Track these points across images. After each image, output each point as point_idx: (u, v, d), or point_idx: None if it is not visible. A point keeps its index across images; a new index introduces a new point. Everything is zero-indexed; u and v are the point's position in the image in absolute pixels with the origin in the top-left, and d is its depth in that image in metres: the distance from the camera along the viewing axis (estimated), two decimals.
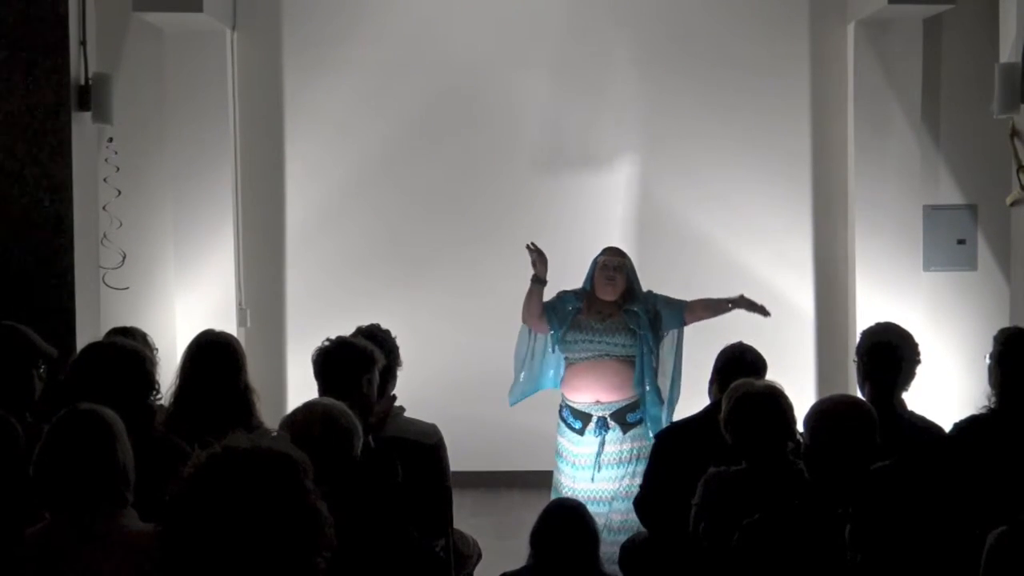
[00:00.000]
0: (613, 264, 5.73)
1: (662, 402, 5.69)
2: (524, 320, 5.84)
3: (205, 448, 2.08)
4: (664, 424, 5.57)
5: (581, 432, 5.65)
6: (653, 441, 5.07)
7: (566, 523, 3.87)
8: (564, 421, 5.73)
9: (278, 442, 2.13)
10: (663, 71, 8.03)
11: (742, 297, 5.87)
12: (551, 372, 5.88)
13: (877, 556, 2.85)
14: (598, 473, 5.61)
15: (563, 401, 5.76)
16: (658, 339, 5.72)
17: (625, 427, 5.64)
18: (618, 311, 5.69)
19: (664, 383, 5.73)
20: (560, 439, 5.77)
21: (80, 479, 2.91)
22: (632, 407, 5.67)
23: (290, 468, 2.06)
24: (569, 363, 5.72)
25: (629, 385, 5.66)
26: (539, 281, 5.76)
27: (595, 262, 5.81)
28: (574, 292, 5.80)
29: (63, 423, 3.00)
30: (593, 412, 5.64)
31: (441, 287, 8.05)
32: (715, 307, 5.86)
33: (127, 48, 7.66)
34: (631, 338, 5.64)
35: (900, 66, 7.64)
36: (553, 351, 5.82)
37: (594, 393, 5.64)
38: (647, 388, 5.64)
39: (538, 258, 5.77)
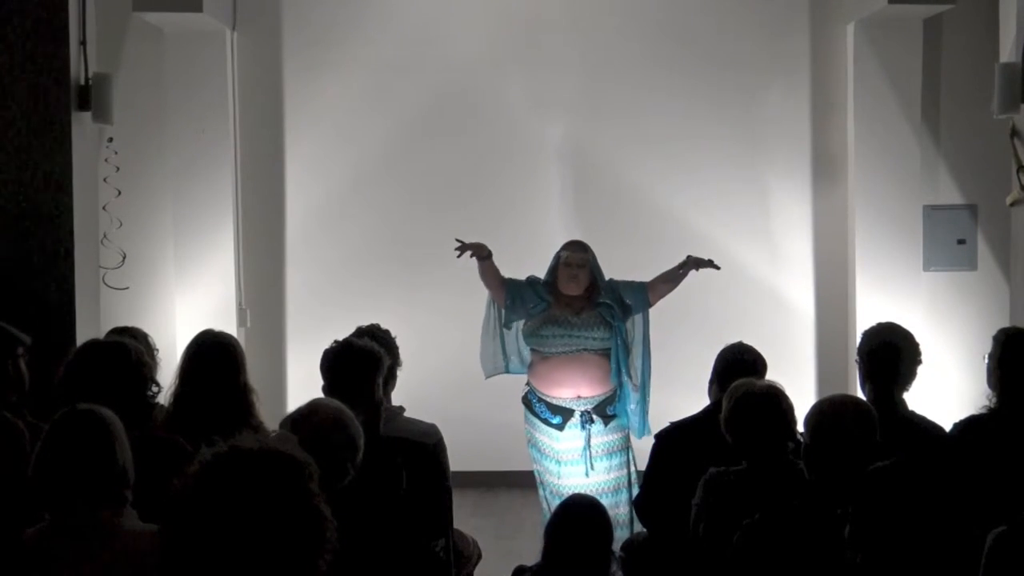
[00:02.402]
0: (576, 261, 5.72)
1: (636, 392, 5.73)
2: (486, 286, 5.87)
3: (211, 447, 2.08)
4: (640, 413, 5.69)
5: (560, 427, 5.65)
6: (654, 441, 5.07)
7: (585, 519, 3.85)
8: (538, 416, 5.70)
9: (284, 443, 2.13)
10: (663, 71, 8.03)
11: (689, 258, 5.81)
12: (514, 357, 5.87)
13: (877, 556, 2.85)
14: (592, 469, 5.63)
15: (536, 395, 5.71)
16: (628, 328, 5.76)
17: (606, 420, 5.67)
18: (589, 304, 5.70)
19: (635, 370, 5.75)
20: (535, 434, 5.74)
21: (79, 479, 2.91)
22: (610, 400, 5.70)
23: (295, 470, 2.06)
24: (543, 357, 5.68)
25: (608, 378, 5.69)
26: (485, 258, 5.78)
27: (557, 256, 5.81)
28: (543, 283, 5.78)
29: (61, 423, 3.00)
30: (575, 407, 5.64)
31: (441, 287, 8.05)
32: (672, 278, 5.84)
33: (127, 48, 7.66)
34: (607, 331, 5.67)
35: (900, 66, 7.64)
36: (508, 328, 5.79)
37: (575, 388, 5.65)
38: (623, 380, 5.69)
39: (470, 247, 5.76)
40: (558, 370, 5.65)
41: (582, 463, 5.62)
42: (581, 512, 3.86)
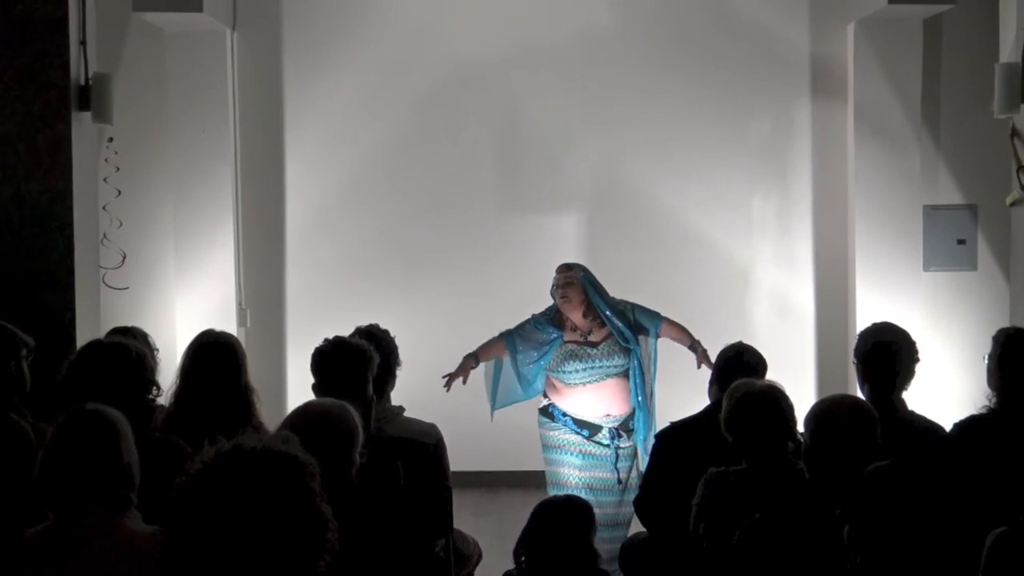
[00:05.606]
0: (560, 282, 5.84)
1: (647, 412, 5.86)
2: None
3: (214, 446, 2.07)
4: (647, 432, 5.81)
5: (589, 437, 5.80)
6: (654, 441, 5.09)
7: (563, 515, 3.90)
8: (565, 425, 5.83)
9: (287, 443, 2.12)
10: (663, 71, 8.04)
11: (702, 348, 5.89)
12: (533, 384, 5.94)
13: (876, 556, 2.85)
14: (620, 480, 5.81)
15: (559, 410, 5.85)
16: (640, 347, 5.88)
17: (628, 433, 5.86)
18: (602, 329, 5.79)
19: (651, 392, 5.91)
20: (556, 434, 5.86)
21: (85, 480, 2.90)
22: (632, 414, 5.87)
23: (297, 470, 2.06)
24: (568, 385, 5.81)
25: (629, 398, 5.85)
26: (476, 366, 5.91)
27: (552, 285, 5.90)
28: (546, 317, 5.88)
29: (69, 423, 2.99)
30: (604, 424, 5.80)
31: (441, 287, 8.06)
32: (684, 337, 5.95)
33: (127, 48, 7.65)
34: (626, 357, 5.80)
35: (900, 66, 7.64)
36: (524, 375, 5.89)
37: (605, 408, 5.81)
38: (639, 400, 5.84)
39: (457, 375, 5.86)
40: (585, 394, 5.81)
41: (610, 470, 5.78)
42: (557, 511, 3.92)
